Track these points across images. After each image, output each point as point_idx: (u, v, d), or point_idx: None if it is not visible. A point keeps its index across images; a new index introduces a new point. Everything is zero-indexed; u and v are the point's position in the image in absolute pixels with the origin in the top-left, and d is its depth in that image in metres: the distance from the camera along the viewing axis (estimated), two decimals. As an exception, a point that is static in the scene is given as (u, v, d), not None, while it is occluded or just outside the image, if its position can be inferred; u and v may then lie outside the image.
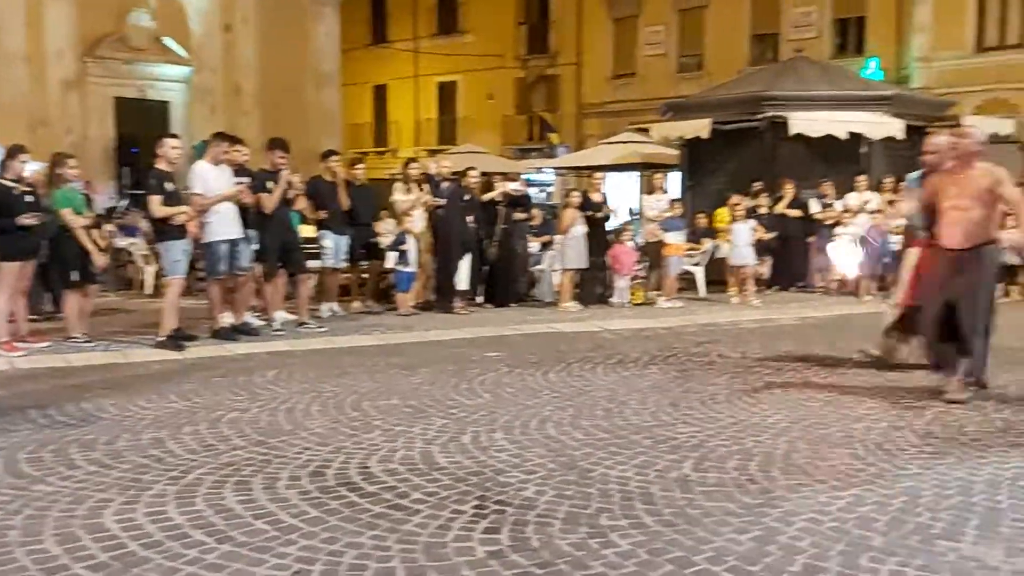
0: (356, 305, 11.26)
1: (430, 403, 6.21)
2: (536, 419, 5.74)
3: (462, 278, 11.09)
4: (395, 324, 10.11)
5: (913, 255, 7.30)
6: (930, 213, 6.52)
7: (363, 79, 34.54)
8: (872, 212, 12.88)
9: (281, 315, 9.63)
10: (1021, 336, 9.33)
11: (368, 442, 5.20)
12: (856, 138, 13.61)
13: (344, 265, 10.87)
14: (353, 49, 35.20)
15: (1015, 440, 5.28)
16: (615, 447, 5.10)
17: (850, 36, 24.92)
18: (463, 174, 11.70)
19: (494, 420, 5.71)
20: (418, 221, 10.84)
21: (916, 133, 14.51)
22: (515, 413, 5.90)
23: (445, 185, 11.36)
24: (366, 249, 11.11)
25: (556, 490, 4.33)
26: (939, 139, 6.97)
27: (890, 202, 13.14)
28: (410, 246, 10.65)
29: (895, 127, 13.58)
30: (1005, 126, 15.60)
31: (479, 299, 11.80)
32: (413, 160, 11.94)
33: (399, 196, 10.96)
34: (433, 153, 26.79)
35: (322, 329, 9.54)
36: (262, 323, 9.53)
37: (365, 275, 11.62)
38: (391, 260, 10.78)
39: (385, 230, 11.77)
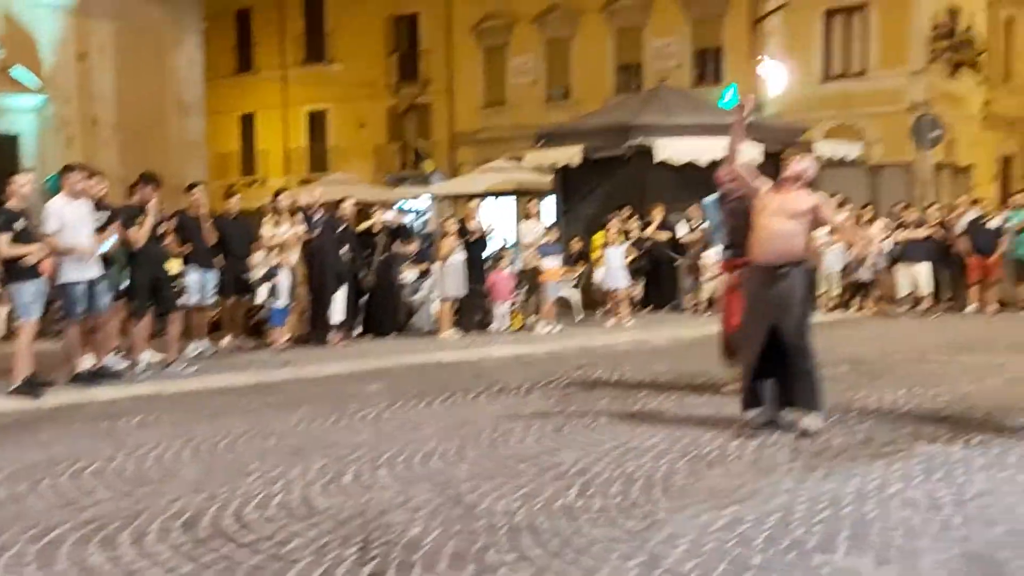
0: (226, 342, 10.86)
1: (309, 443, 6.03)
2: (420, 453, 5.66)
3: (337, 310, 10.88)
4: (269, 361, 9.81)
5: (727, 278, 7.42)
6: (735, 233, 6.74)
7: (229, 108, 33.65)
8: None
9: (147, 356, 9.19)
10: (876, 349, 9.90)
11: (244, 487, 4.99)
12: (718, 163, 14.15)
13: (212, 301, 10.48)
14: (218, 77, 34.27)
15: (877, 451, 5.55)
16: (501, 478, 5.07)
17: (709, 66, 26.04)
18: (336, 204, 11.52)
19: (376, 457, 5.59)
20: (291, 254, 10.59)
21: (773, 158, 15.29)
22: (398, 448, 5.80)
23: (318, 216, 11.15)
24: (238, 283, 10.76)
25: (442, 527, 4.26)
26: (736, 166, 7.23)
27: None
28: (282, 279, 10.38)
29: (754, 152, 14.18)
30: (852, 150, 16.60)
31: (356, 331, 11.61)
32: (282, 191, 11.68)
33: (268, 230, 10.69)
34: (304, 183, 26.36)
35: (191, 369, 9.15)
36: (126, 365, 9.06)
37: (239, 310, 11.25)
38: (262, 294, 10.48)
39: (257, 263, 11.45)
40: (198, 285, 10.04)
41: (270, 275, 10.42)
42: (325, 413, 6.99)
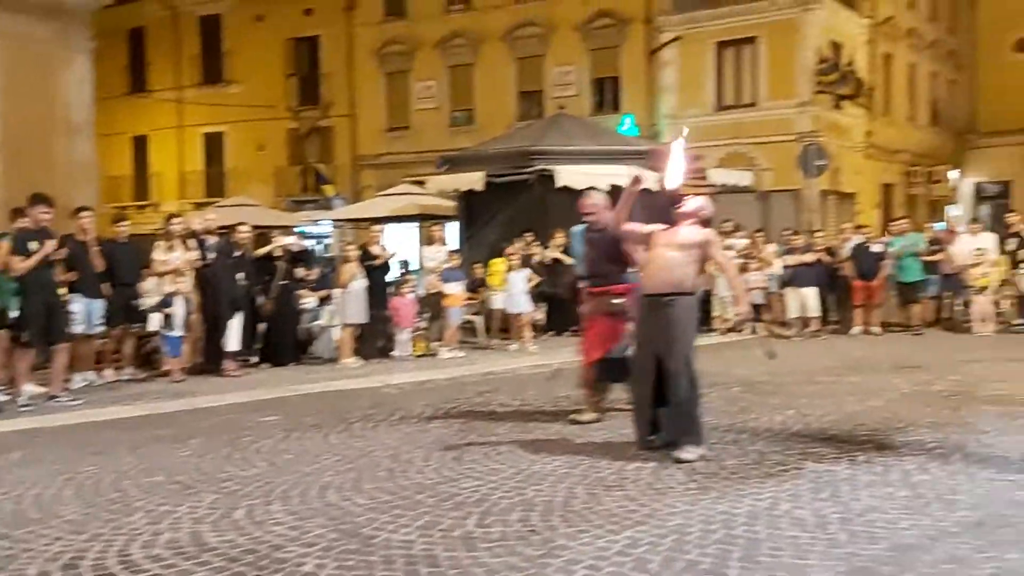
0: (109, 374, 10.39)
1: (200, 477, 5.83)
2: (316, 486, 5.53)
3: (233, 338, 10.58)
4: (161, 392, 9.47)
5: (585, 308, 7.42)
6: (593, 264, 7.00)
7: (121, 129, 32.61)
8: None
9: (29, 388, 8.75)
10: (767, 370, 10.20)
11: (129, 526, 4.78)
12: (617, 190, 14.40)
13: (99, 330, 10.05)
14: (110, 98, 33.17)
15: (769, 471, 5.71)
16: (399, 509, 5.00)
17: (607, 94, 26.63)
18: (232, 229, 11.26)
19: (270, 491, 5.44)
20: (184, 281, 10.27)
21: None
22: (293, 481, 5.65)
23: (212, 241, 10.86)
24: (127, 311, 10.36)
25: (337, 561, 4.17)
26: (596, 198, 7.51)
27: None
28: (177, 308, 10.05)
29: (651, 179, 14.52)
30: (744, 177, 17.18)
31: (254, 359, 11.33)
32: (175, 216, 11.36)
33: (160, 255, 10.36)
34: (200, 206, 25.71)
35: (76, 402, 8.74)
36: (6, 398, 8.60)
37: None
38: (154, 323, 10.13)
39: (148, 290, 11.07)
40: (84, 314, 9.62)
41: (165, 303, 10.08)
42: (218, 446, 6.77)
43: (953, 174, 30.95)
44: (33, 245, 8.49)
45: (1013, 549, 4.21)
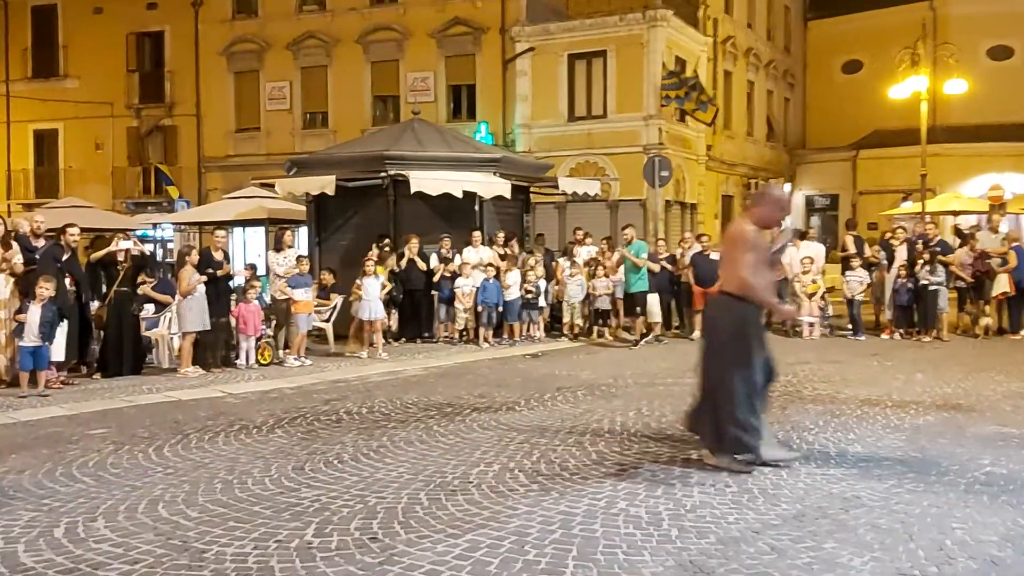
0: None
1: (17, 494, 5.43)
2: (145, 501, 5.26)
3: (57, 347, 9.90)
4: (-22, 405, 8.77)
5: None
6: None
7: (-61, 123, 30.24)
8: (487, 266, 13.77)
9: None
10: (611, 373, 10.50)
11: (-69, 551, 4.41)
12: (470, 196, 14.54)
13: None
14: (-74, 89, 30.74)
15: (607, 471, 5.86)
16: (234, 521, 4.83)
17: (463, 102, 26.76)
18: (62, 231, 10.59)
19: (95, 507, 5.14)
20: (1, 287, 9.56)
21: (520, 192, 15.94)
22: (120, 496, 5.36)
23: (40, 244, 10.19)
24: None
25: (164, 578, 3.98)
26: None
27: (502, 256, 14.20)
28: (31, 315, 9.26)
29: (503, 187, 14.72)
30: (593, 186, 17.61)
31: (85, 370, 10.69)
32: (-1, 216, 10.59)
33: (-21, 258, 9.63)
34: (30, 207, 24.11)
35: None
36: None
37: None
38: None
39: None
40: None
41: (20, 310, 9.34)
42: (39, 461, 6.33)
43: (786, 187, 32.87)
44: None
45: (829, 539, 4.50)
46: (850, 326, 14.65)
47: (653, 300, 14.13)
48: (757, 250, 5.91)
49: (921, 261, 14.07)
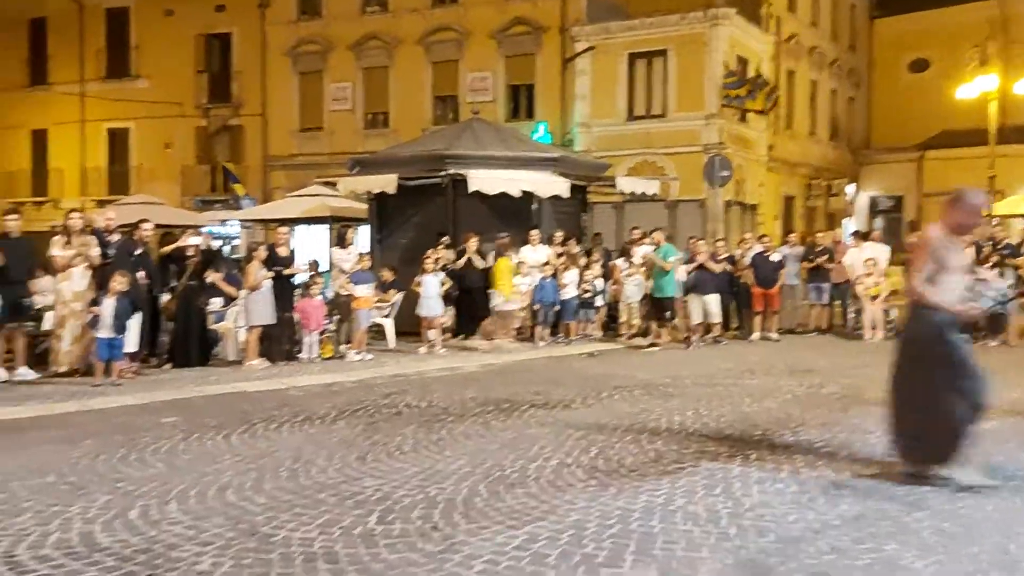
0: (1, 373, 9.93)
1: (93, 478, 5.67)
2: (215, 486, 5.45)
3: (131, 339, 10.25)
4: (52, 393, 9.12)
5: None
6: None
7: (19, 123, 31.34)
8: (544, 264, 13.83)
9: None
10: (670, 373, 10.48)
11: (16, 527, 4.63)
12: (528, 195, 14.62)
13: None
14: (7, 91, 31.86)
15: (665, 468, 5.88)
16: (299, 508, 4.97)
17: (522, 101, 26.86)
18: (135, 227, 10.96)
19: (167, 491, 5.33)
20: (78, 280, 9.93)
21: (578, 191, 15.96)
22: (191, 482, 5.55)
23: (113, 238, 10.55)
24: (16, 309, 9.94)
25: (234, 560, 4.13)
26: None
27: (559, 255, 14.24)
28: (106, 307, 9.61)
29: (561, 186, 14.77)
30: (651, 186, 17.54)
31: (155, 361, 11.05)
32: (75, 211, 10.99)
33: (58, 251, 10.00)
34: (102, 204, 24.87)
35: (-38, 403, 8.37)
36: None
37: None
38: (48, 322, 9.75)
39: (41, 288, 10.69)
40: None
41: (94, 302, 9.71)
42: (113, 447, 6.58)
43: (850, 188, 32.28)
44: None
45: (891, 541, 4.46)
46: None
47: (713, 300, 14.02)
48: (942, 257, 5.61)
49: (988, 264, 13.73)
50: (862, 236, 15.92)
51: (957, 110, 26.82)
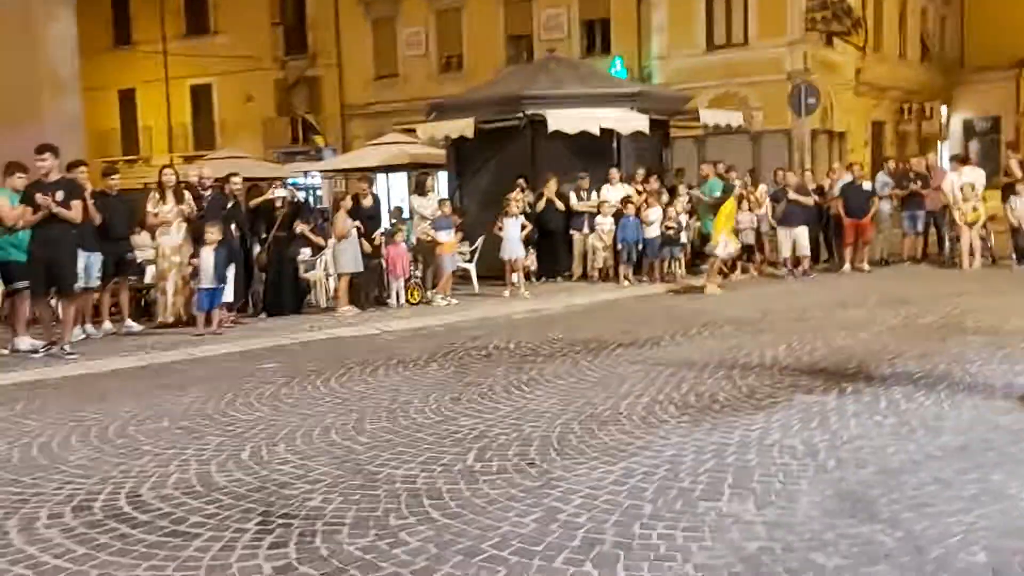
0: (108, 325, 10.43)
1: (204, 422, 5.95)
2: (319, 428, 5.66)
3: (227, 290, 10.60)
4: (158, 343, 9.53)
5: None
6: None
7: (107, 83, 32.20)
8: (625, 202, 13.68)
9: (26, 341, 8.84)
10: (759, 309, 10.35)
11: (137, 469, 4.91)
12: (608, 133, 14.42)
13: (97, 284, 10.07)
14: (94, 52, 32.71)
15: (759, 403, 5.85)
16: (400, 447, 5.14)
17: (596, 37, 26.36)
18: (225, 180, 11.26)
19: (274, 433, 5.57)
20: (175, 234, 10.29)
21: (659, 127, 15.66)
22: (296, 424, 5.78)
23: (207, 194, 10.87)
24: (120, 264, 10.39)
25: (343, 496, 4.30)
26: None
27: (639, 192, 14.07)
28: (204, 259, 9.95)
29: (642, 122, 14.52)
30: (735, 118, 17.08)
31: (251, 311, 11.43)
32: (168, 167, 11.33)
33: (153, 207, 10.37)
34: (189, 160, 25.55)
35: (74, 355, 8.80)
36: (5, 352, 8.69)
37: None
38: (150, 275, 10.15)
39: (141, 244, 11.11)
40: (83, 268, 9.63)
41: (194, 256, 10.09)
42: (220, 392, 6.89)
43: (943, 110, 30.88)
44: (39, 198, 8.47)
45: (996, 471, 4.37)
46: (1014, 256, 13.80)
47: (802, 233, 13.71)
48: None
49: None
50: (961, 160, 15.26)
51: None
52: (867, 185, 14.53)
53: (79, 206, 8.77)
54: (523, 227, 13.20)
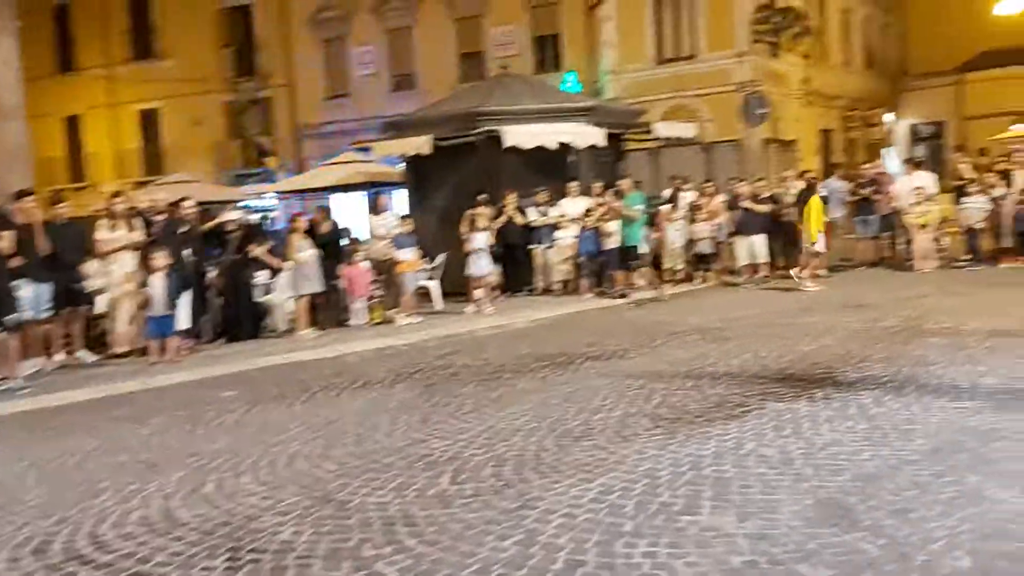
0: (59, 357, 10.11)
1: (165, 455, 5.76)
2: (284, 456, 5.50)
3: (182, 316, 10.33)
4: (113, 373, 9.26)
5: None
6: None
7: (51, 110, 31.53)
8: (586, 215, 13.67)
9: (-25, 378, 8.52)
10: (722, 317, 10.38)
11: (97, 507, 4.72)
12: (564, 147, 14.43)
13: (47, 315, 9.76)
14: (37, 78, 32.05)
15: (730, 413, 5.82)
16: (371, 473, 5.01)
17: (548, 52, 26.47)
18: (176, 205, 11.02)
19: (238, 463, 5.40)
20: (127, 261, 10.02)
21: (614, 140, 15.72)
22: (260, 453, 5.62)
23: (159, 219, 10.62)
24: (71, 294, 10.08)
25: (313, 527, 4.17)
26: None
27: (599, 204, 14.07)
28: (155, 286, 9.68)
29: (598, 135, 14.55)
30: (688, 130, 17.23)
31: (207, 336, 11.17)
32: (119, 194, 11.07)
33: (104, 235, 10.10)
34: (139, 185, 25.06)
35: (26, 388, 8.50)
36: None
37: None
38: (102, 304, 9.86)
39: (91, 272, 10.80)
40: (32, 298, 9.33)
41: (144, 284, 9.81)
42: (179, 423, 6.69)
43: (889, 117, 31.50)
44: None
45: (971, 473, 4.37)
46: (966, 257, 14.05)
47: (759, 241, 13.82)
48: None
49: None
50: (914, 164, 15.53)
51: (997, 29, 25.94)
52: (822, 192, 14.68)
53: (9, 236, 8.52)
54: (489, 242, 13.09)
